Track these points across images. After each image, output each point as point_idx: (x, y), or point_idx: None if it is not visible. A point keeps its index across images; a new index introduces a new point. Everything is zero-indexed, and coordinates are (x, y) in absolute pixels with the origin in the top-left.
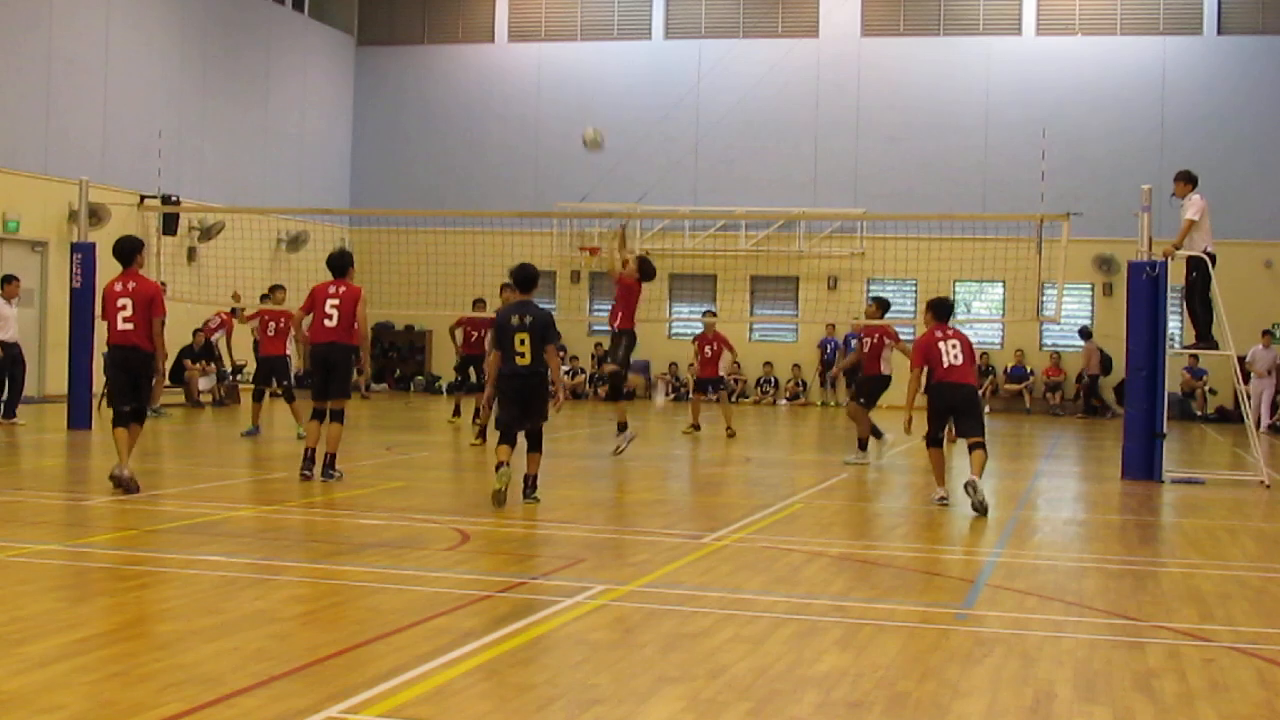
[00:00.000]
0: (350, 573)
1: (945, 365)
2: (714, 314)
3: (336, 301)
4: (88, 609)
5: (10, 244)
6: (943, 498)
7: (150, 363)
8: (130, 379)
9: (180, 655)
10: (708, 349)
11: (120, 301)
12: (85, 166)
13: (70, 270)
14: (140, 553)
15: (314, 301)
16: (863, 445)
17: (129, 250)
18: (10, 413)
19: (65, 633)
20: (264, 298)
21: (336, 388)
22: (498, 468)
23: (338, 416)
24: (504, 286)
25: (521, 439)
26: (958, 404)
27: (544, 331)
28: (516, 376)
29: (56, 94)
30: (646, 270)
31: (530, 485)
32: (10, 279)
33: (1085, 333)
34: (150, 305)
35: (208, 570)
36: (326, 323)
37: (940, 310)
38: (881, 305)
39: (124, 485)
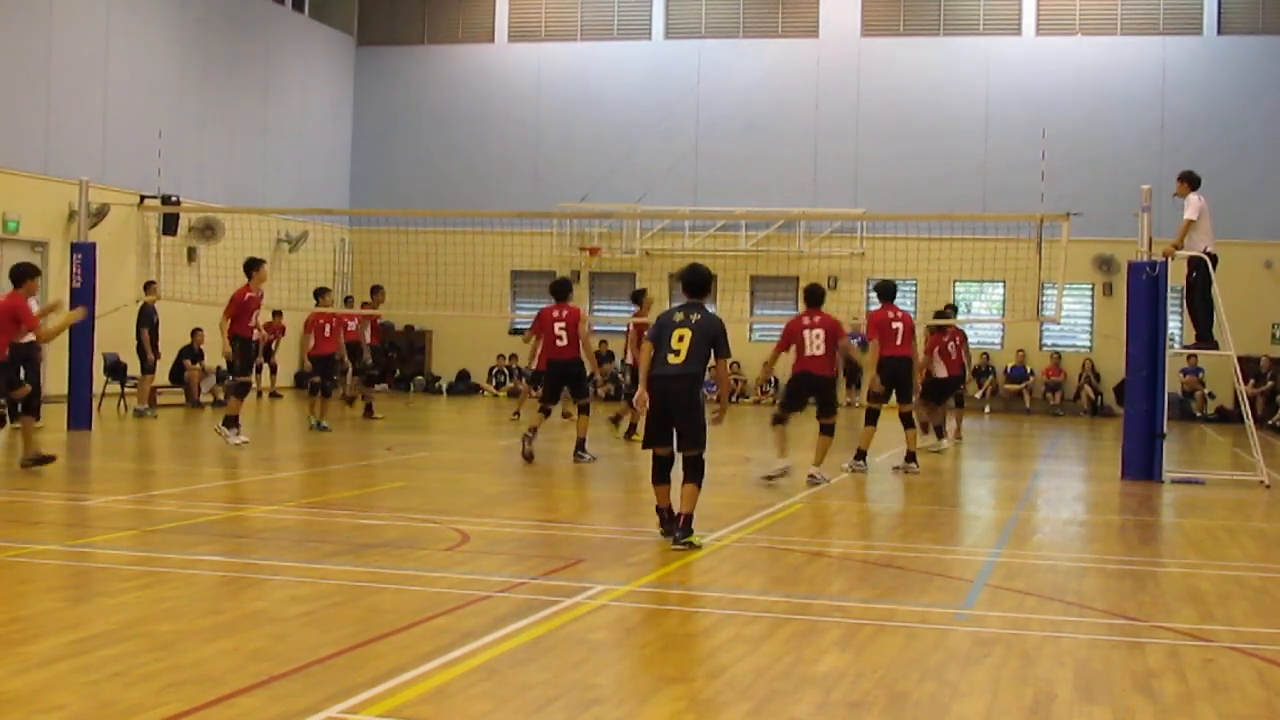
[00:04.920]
0: (350, 573)
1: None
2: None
3: (564, 325)
4: (88, 609)
5: (10, 244)
6: (776, 473)
7: None
8: None
9: (180, 655)
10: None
11: None
12: (85, 166)
13: (70, 270)
14: (140, 553)
15: (542, 324)
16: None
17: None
18: (14, 416)
19: (65, 633)
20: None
21: (578, 391)
22: (660, 516)
23: (585, 410)
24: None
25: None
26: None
27: (715, 338)
28: (665, 378)
29: (56, 94)
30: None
31: (682, 527)
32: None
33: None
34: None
35: (208, 570)
36: (559, 342)
37: (809, 297)
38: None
39: None
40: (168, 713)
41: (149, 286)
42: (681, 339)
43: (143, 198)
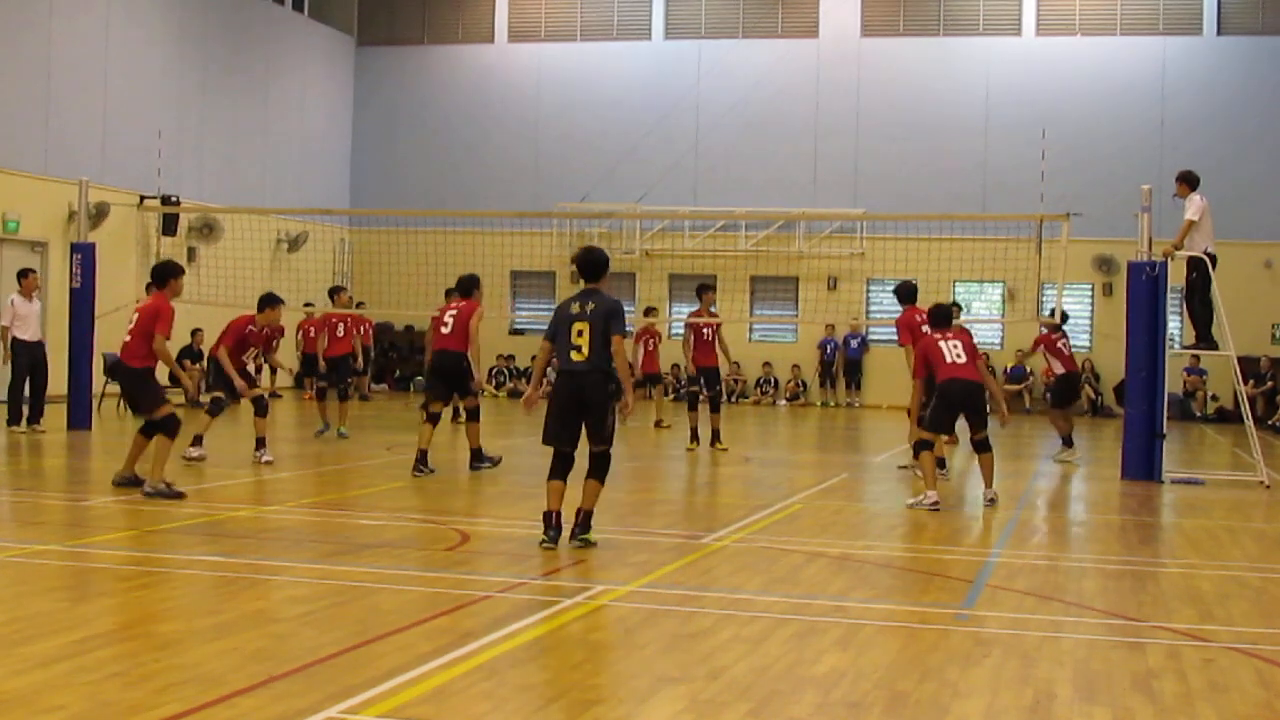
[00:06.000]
0: (350, 573)
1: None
2: (655, 310)
3: (454, 313)
4: (88, 609)
5: (10, 244)
6: (935, 503)
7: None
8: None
9: (180, 655)
10: (650, 343)
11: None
12: (85, 166)
13: (70, 270)
14: (140, 553)
15: (437, 319)
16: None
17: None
18: (34, 418)
19: (65, 633)
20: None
21: (461, 390)
22: (546, 521)
23: (473, 415)
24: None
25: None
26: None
27: (608, 320)
28: (570, 374)
29: (56, 94)
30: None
31: (581, 523)
32: (27, 273)
33: None
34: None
35: (208, 570)
36: (443, 329)
37: (937, 318)
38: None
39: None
40: (168, 713)
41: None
42: (581, 333)
43: (143, 198)
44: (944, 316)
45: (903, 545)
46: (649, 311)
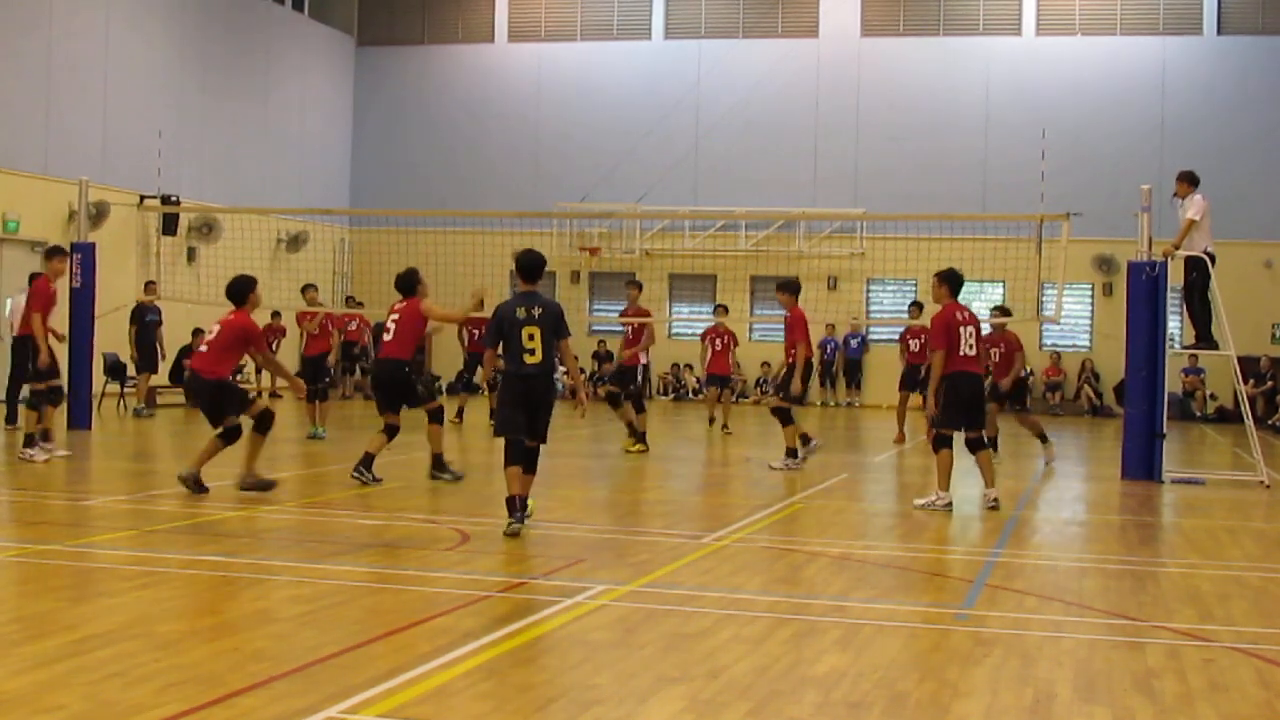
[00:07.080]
0: (350, 573)
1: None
2: (725, 309)
3: (397, 316)
4: (88, 609)
5: (10, 244)
6: (948, 503)
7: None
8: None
9: (180, 655)
10: (717, 342)
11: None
12: (85, 166)
13: (70, 270)
14: (140, 553)
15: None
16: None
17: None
18: (14, 418)
19: (65, 633)
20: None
21: (409, 399)
22: (511, 505)
23: (434, 418)
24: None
25: None
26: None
27: (556, 325)
28: (525, 378)
29: (56, 94)
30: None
31: (522, 508)
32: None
33: None
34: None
35: (208, 570)
36: (385, 337)
37: (957, 284)
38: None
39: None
40: (168, 713)
41: (149, 286)
42: (532, 337)
43: (143, 198)
44: (961, 283)
45: (903, 545)
46: (718, 310)
